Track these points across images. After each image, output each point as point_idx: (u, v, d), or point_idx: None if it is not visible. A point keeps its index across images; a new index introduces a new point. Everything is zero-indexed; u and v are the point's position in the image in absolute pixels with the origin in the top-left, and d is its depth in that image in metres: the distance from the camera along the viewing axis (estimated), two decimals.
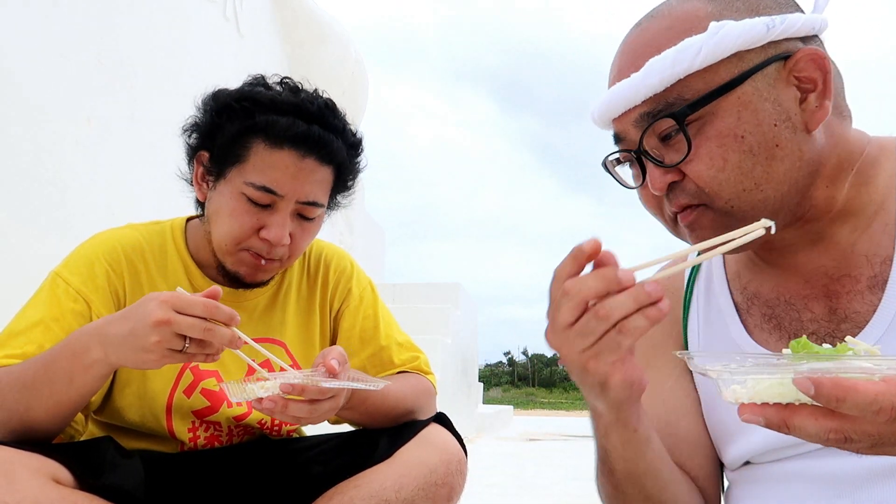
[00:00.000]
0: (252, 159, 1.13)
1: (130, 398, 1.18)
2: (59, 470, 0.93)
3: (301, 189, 1.14)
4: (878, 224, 0.75)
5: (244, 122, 1.14)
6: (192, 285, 1.23)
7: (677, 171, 0.74)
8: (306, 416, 0.98)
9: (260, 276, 1.20)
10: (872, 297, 0.73)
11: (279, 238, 1.13)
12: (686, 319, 0.91)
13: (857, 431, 0.46)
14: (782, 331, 0.80)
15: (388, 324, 1.37)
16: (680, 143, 0.73)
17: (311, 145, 1.14)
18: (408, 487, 1.11)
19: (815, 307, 0.78)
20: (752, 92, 0.71)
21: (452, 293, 7.32)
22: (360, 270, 1.40)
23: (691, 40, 0.70)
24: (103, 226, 1.27)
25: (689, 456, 0.89)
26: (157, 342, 0.88)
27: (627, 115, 0.76)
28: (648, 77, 0.72)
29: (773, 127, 0.71)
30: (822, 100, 0.72)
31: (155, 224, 1.27)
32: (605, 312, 0.60)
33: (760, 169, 0.71)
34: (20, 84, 2.29)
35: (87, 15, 2.63)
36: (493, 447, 6.02)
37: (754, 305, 0.84)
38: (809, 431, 0.46)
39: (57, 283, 1.11)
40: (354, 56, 5.44)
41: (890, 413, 0.43)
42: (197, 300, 0.90)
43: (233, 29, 3.86)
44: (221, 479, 1.21)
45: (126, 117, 2.78)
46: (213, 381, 1.21)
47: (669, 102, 0.72)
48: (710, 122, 0.71)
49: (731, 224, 0.72)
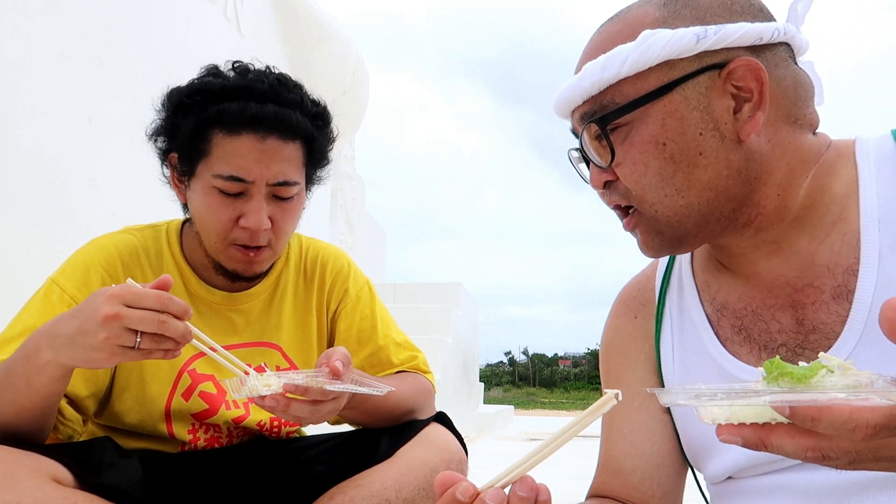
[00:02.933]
0: (214, 151, 1.12)
1: (129, 403, 1.18)
2: (59, 469, 0.93)
3: (268, 171, 1.12)
4: (837, 234, 0.75)
5: (198, 115, 1.13)
6: (186, 289, 1.22)
7: (611, 172, 0.77)
8: (308, 417, 0.97)
9: (256, 268, 1.19)
10: (838, 308, 0.73)
11: (258, 224, 1.12)
12: (659, 333, 0.90)
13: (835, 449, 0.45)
14: (752, 343, 0.80)
15: (385, 324, 1.36)
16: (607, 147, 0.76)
17: (269, 125, 1.11)
18: (409, 487, 1.11)
19: (781, 318, 0.77)
20: (680, 100, 0.72)
21: (453, 293, 7.31)
22: (357, 270, 1.39)
23: (621, 48, 0.73)
24: (104, 225, 1.27)
25: (651, 475, 0.89)
26: (106, 339, 0.83)
27: (573, 113, 0.80)
28: (583, 80, 0.76)
29: (699, 136, 0.72)
30: (755, 110, 0.72)
31: (152, 227, 1.27)
32: None
33: (681, 176, 0.73)
34: (20, 84, 2.29)
35: (88, 15, 2.63)
36: (493, 447, 6.02)
37: (724, 317, 0.83)
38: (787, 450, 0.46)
39: (52, 290, 1.11)
40: (355, 56, 5.44)
41: (865, 431, 0.43)
42: (148, 292, 0.85)
43: (233, 29, 3.86)
44: (222, 479, 1.21)
45: (126, 117, 2.78)
46: (210, 385, 1.21)
47: (603, 105, 0.75)
48: (636, 128, 0.74)
49: (662, 229, 0.77)
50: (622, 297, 0.98)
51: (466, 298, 7.51)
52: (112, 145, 2.71)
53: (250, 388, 0.96)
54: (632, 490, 0.90)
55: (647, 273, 0.97)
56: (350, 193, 6.18)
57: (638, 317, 0.94)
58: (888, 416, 0.43)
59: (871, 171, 0.75)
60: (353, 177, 6.41)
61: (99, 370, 1.12)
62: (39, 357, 0.89)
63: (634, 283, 0.98)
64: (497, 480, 0.59)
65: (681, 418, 0.88)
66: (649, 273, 0.96)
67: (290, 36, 4.68)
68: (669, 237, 0.77)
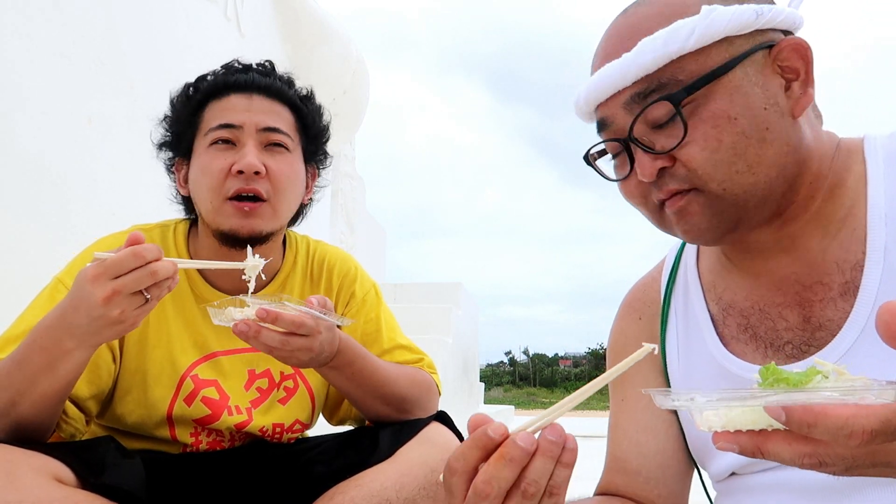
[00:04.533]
0: (206, 116, 1.20)
1: (131, 405, 1.18)
2: (61, 469, 0.93)
3: (257, 117, 1.18)
4: (847, 229, 0.75)
5: (191, 97, 1.22)
6: (192, 291, 1.22)
7: (667, 157, 0.73)
8: (279, 347, 0.99)
9: (254, 224, 1.16)
10: (845, 304, 0.73)
11: (250, 164, 1.13)
12: (664, 334, 0.91)
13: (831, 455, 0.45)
14: (758, 341, 0.80)
15: (390, 327, 1.36)
16: (672, 127, 0.72)
17: (255, 87, 1.20)
18: (409, 487, 1.11)
19: (789, 315, 0.78)
20: (742, 76, 0.71)
21: (454, 293, 7.31)
22: (363, 273, 1.39)
23: (683, 22, 0.71)
24: (104, 225, 1.28)
25: (657, 475, 0.90)
26: (121, 313, 0.88)
27: (617, 97, 0.75)
28: (640, 56, 0.72)
29: (763, 111, 0.71)
30: (805, 87, 0.73)
31: (160, 226, 1.27)
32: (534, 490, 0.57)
33: (753, 151, 0.71)
34: (20, 84, 2.29)
35: (88, 15, 2.63)
36: None
37: (730, 315, 0.83)
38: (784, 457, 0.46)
39: (58, 289, 1.11)
40: (356, 56, 5.43)
41: (861, 437, 0.43)
42: (123, 255, 0.87)
43: (234, 29, 3.86)
44: (223, 480, 1.21)
45: (127, 117, 2.78)
46: (213, 390, 1.20)
47: (662, 83, 0.72)
48: (704, 104, 0.71)
49: (724, 210, 0.73)
50: (628, 299, 0.99)
51: (467, 298, 7.50)
52: (112, 145, 2.71)
53: (227, 314, 0.99)
54: (638, 489, 0.91)
55: (653, 275, 0.97)
56: (350, 193, 6.18)
57: (643, 318, 0.94)
58: (884, 422, 0.43)
59: (879, 168, 0.76)
60: (354, 177, 6.40)
61: (102, 371, 1.13)
62: (62, 346, 0.91)
63: (640, 286, 0.98)
64: (527, 426, 0.59)
65: (686, 417, 0.88)
66: (654, 275, 0.97)
67: (290, 36, 4.68)
68: (728, 219, 0.74)
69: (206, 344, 1.21)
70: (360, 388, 1.18)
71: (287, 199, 1.20)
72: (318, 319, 1.01)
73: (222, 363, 1.22)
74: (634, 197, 0.79)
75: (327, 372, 1.13)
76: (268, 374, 1.25)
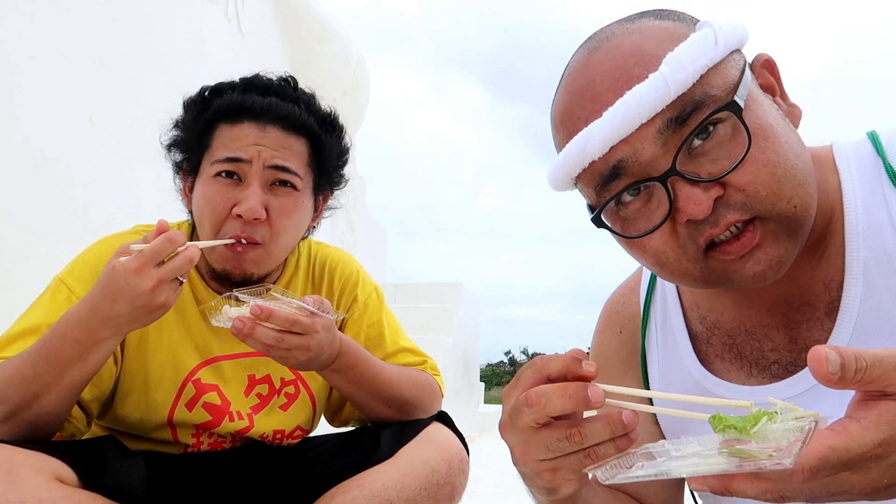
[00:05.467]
0: (216, 142, 1.14)
1: (131, 408, 1.17)
2: (63, 468, 0.93)
3: (267, 152, 1.11)
4: (833, 246, 0.72)
5: (204, 110, 1.16)
6: (194, 295, 1.22)
7: (718, 185, 0.63)
8: (274, 345, 0.99)
9: (247, 268, 1.12)
10: (830, 324, 0.71)
11: (251, 210, 1.08)
12: (644, 348, 0.89)
13: (789, 489, 0.47)
14: (743, 360, 0.78)
15: (393, 330, 1.36)
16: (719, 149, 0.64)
17: (271, 116, 1.13)
18: (410, 487, 1.11)
19: (775, 336, 0.76)
20: (755, 89, 0.67)
21: (454, 292, 7.31)
22: (365, 276, 1.38)
23: (702, 33, 0.64)
24: (104, 225, 1.28)
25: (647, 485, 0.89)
26: (165, 299, 0.94)
27: (645, 128, 0.64)
28: (677, 72, 0.62)
29: (783, 121, 0.67)
30: (786, 100, 0.71)
31: None
32: (579, 439, 0.56)
33: (800, 160, 0.65)
34: (21, 84, 2.29)
35: (89, 15, 2.63)
36: (494, 446, 6.02)
37: (715, 335, 0.81)
38: (749, 494, 0.48)
39: (60, 290, 1.11)
40: (356, 56, 5.43)
41: (802, 474, 0.45)
42: (160, 243, 0.93)
43: (234, 29, 3.86)
44: (224, 479, 1.21)
45: (127, 117, 2.78)
46: (215, 395, 1.20)
47: (698, 101, 0.63)
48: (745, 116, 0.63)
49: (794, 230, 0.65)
50: (606, 311, 0.95)
51: (467, 298, 7.50)
52: (113, 145, 2.71)
53: (224, 314, 1.00)
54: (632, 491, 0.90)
55: (631, 285, 0.94)
56: (350, 193, 6.17)
57: (623, 332, 0.92)
58: (821, 459, 0.45)
59: (853, 178, 0.72)
60: (354, 177, 6.40)
61: (103, 373, 1.12)
62: (97, 336, 0.95)
63: (618, 297, 0.95)
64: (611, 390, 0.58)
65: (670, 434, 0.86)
66: (633, 285, 0.93)
67: (290, 36, 4.68)
68: (800, 241, 0.66)
69: (209, 348, 1.20)
70: (363, 391, 1.18)
71: (284, 242, 1.15)
72: (315, 318, 1.01)
73: (223, 368, 1.22)
74: (667, 249, 0.67)
75: (329, 374, 1.13)
76: (268, 380, 1.25)
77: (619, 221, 0.70)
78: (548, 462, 0.59)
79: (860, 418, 0.47)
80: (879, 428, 0.46)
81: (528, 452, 0.59)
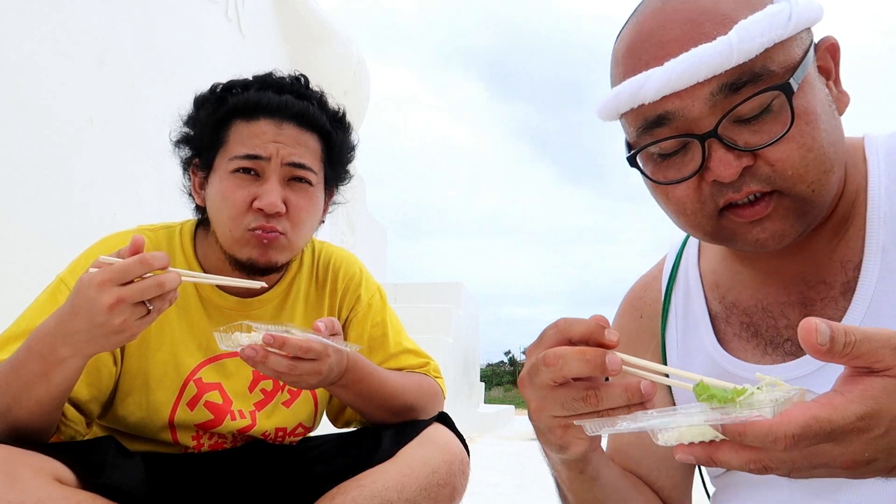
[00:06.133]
0: (232, 138, 1.16)
1: (132, 407, 1.17)
2: (62, 469, 0.93)
3: (284, 150, 1.15)
4: (854, 229, 0.75)
5: (219, 107, 1.17)
6: (199, 294, 1.22)
7: (750, 155, 0.67)
8: (286, 372, 0.99)
9: (273, 256, 1.16)
10: (844, 304, 0.73)
11: (272, 204, 1.12)
12: (664, 332, 0.91)
13: (772, 459, 0.48)
14: (759, 338, 0.80)
15: (396, 331, 1.36)
16: (762, 122, 0.66)
17: (287, 113, 1.16)
18: (410, 487, 1.11)
19: (791, 314, 0.77)
20: (812, 71, 0.68)
21: (454, 292, 7.32)
22: (368, 276, 1.39)
23: (778, 6, 0.65)
24: (104, 225, 1.27)
25: (658, 468, 0.90)
26: (123, 322, 0.87)
27: (700, 87, 0.66)
28: (745, 42, 0.63)
29: (829, 107, 0.69)
30: (838, 87, 0.72)
31: (165, 227, 1.26)
32: (594, 402, 0.58)
33: (832, 150, 0.67)
34: (21, 84, 2.29)
35: (89, 15, 2.63)
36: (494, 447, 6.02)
37: (733, 314, 0.83)
38: (733, 463, 0.49)
39: (60, 289, 1.10)
40: (356, 56, 5.43)
41: (784, 441, 0.46)
42: (131, 261, 0.87)
43: (234, 29, 3.86)
44: (224, 480, 1.21)
45: (128, 117, 2.78)
46: (216, 394, 1.20)
47: (756, 73, 0.65)
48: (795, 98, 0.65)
49: (805, 212, 0.68)
50: (628, 298, 0.99)
51: (467, 298, 7.51)
52: (113, 145, 2.71)
53: (234, 339, 0.98)
54: (642, 478, 0.91)
55: (654, 273, 0.97)
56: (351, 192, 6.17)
57: (644, 316, 0.94)
58: (804, 427, 0.46)
59: (880, 166, 0.75)
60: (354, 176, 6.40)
61: (102, 374, 1.12)
62: (57, 354, 0.90)
63: (641, 284, 0.98)
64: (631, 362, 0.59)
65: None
66: (655, 273, 0.97)
67: (291, 36, 4.68)
68: (808, 223, 0.70)
69: (211, 346, 1.20)
70: (368, 403, 1.19)
71: (304, 232, 1.19)
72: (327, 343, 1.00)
73: (227, 365, 1.22)
74: (688, 201, 0.71)
75: (336, 390, 1.14)
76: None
77: (652, 165, 0.73)
78: (561, 419, 0.62)
79: (845, 392, 0.48)
80: (863, 402, 0.47)
81: (544, 408, 0.62)
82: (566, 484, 0.77)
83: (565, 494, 0.80)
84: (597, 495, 0.77)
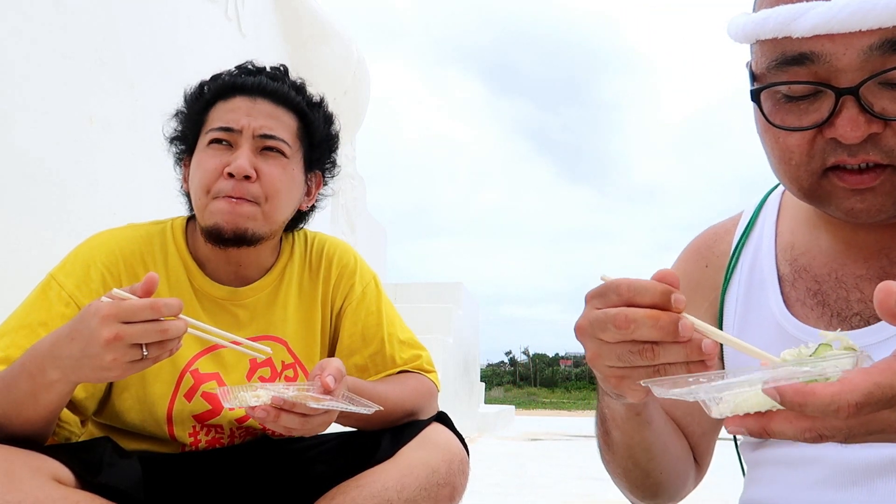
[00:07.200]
0: (211, 117, 1.21)
1: (130, 402, 1.17)
2: (60, 469, 0.93)
3: (256, 122, 1.18)
4: None
5: (200, 95, 1.24)
6: (191, 284, 1.22)
7: (881, 123, 0.64)
8: (298, 428, 0.98)
9: (241, 223, 1.14)
10: None
11: (240, 167, 1.13)
12: (726, 286, 0.89)
13: (829, 428, 0.47)
14: (825, 308, 0.78)
15: (390, 321, 1.36)
16: None
17: (261, 90, 1.21)
18: (410, 487, 1.11)
19: (866, 288, 0.75)
20: None
21: (455, 292, 7.33)
22: (363, 264, 1.38)
23: None
24: (105, 225, 1.27)
25: (692, 412, 0.90)
26: (114, 360, 0.85)
27: (862, 36, 0.62)
28: None
29: None
30: None
31: (156, 224, 1.26)
32: (651, 356, 0.57)
33: None
34: (21, 84, 2.29)
35: (89, 15, 2.63)
36: (494, 447, 6.02)
37: (801, 279, 0.81)
38: (787, 434, 0.48)
39: (50, 286, 1.10)
40: (356, 56, 5.44)
41: (847, 410, 0.45)
42: (142, 304, 0.85)
43: (235, 29, 3.86)
44: (223, 480, 1.21)
45: (127, 117, 2.78)
46: (213, 384, 1.20)
47: None
48: None
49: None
50: (696, 244, 0.96)
51: (467, 298, 7.51)
52: (113, 145, 2.71)
53: (240, 399, 0.96)
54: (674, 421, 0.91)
55: (727, 226, 0.94)
56: (351, 193, 6.18)
57: (709, 267, 0.92)
58: (866, 395, 0.45)
59: None
60: (354, 176, 6.41)
61: None
62: (46, 376, 0.89)
63: (711, 234, 0.95)
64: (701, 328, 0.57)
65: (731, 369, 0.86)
66: (729, 227, 0.94)
67: (291, 36, 4.68)
68: None
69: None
70: (370, 423, 1.19)
71: (279, 203, 1.18)
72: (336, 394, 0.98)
73: (223, 354, 1.22)
74: (797, 152, 0.68)
75: (339, 419, 1.13)
76: (269, 363, 1.26)
77: (772, 104, 0.70)
78: (617, 370, 0.61)
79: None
80: None
81: (600, 356, 0.61)
82: (617, 422, 0.77)
83: (608, 429, 0.80)
84: (646, 437, 0.78)
